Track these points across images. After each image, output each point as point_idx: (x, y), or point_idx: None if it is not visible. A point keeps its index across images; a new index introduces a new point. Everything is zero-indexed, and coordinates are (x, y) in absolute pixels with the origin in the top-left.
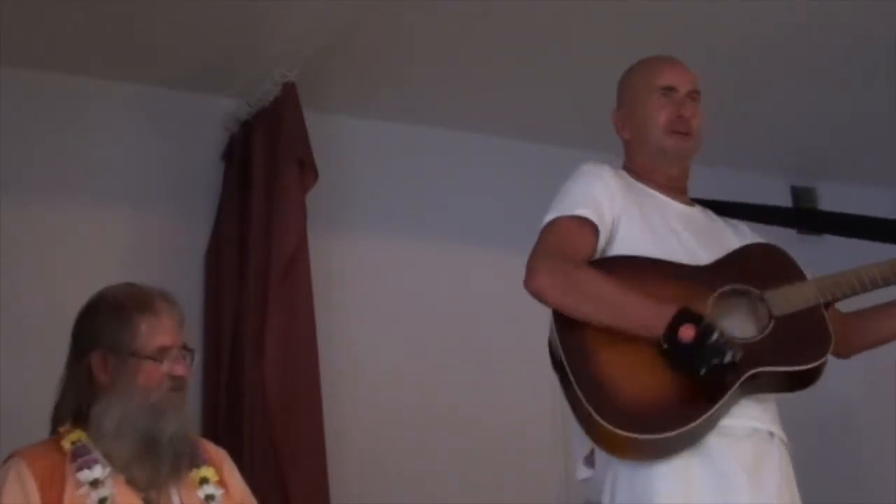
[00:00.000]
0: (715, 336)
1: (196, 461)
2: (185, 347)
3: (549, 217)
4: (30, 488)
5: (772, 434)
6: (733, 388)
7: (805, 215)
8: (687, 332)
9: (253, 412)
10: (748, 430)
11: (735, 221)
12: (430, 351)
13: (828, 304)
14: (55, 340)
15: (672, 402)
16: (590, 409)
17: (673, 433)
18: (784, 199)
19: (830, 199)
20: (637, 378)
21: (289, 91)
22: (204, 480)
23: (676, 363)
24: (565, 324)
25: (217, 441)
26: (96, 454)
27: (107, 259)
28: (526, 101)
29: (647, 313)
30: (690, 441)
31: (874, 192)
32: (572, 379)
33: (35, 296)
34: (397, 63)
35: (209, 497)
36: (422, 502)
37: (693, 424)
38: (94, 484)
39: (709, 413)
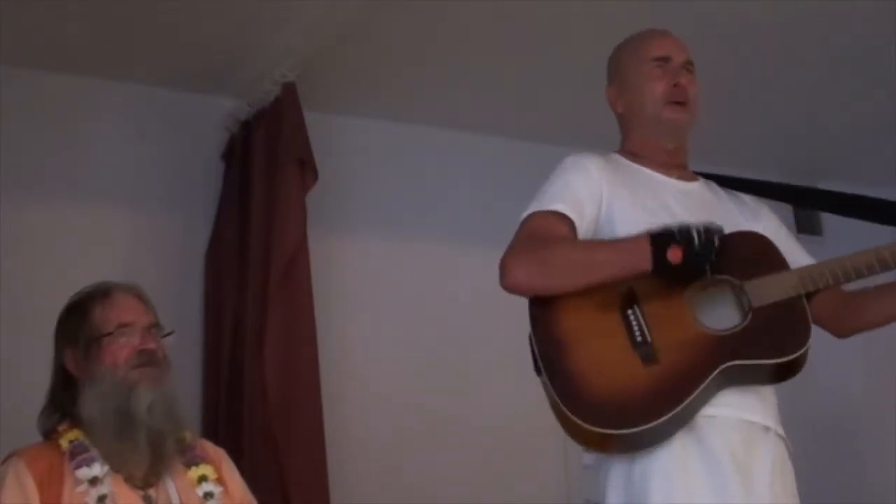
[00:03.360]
0: (696, 240)
1: (194, 459)
2: (154, 325)
3: (525, 213)
4: (29, 488)
5: (767, 428)
6: (705, 383)
7: (804, 193)
8: (675, 255)
9: (253, 412)
10: (737, 422)
11: (738, 194)
12: (430, 350)
13: (810, 295)
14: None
15: (644, 396)
16: (560, 403)
17: (642, 428)
18: None
19: None
20: (609, 373)
21: (289, 91)
22: (203, 478)
23: (680, 278)
24: (538, 320)
25: (217, 441)
26: (94, 452)
27: (106, 259)
28: (526, 101)
29: (628, 256)
30: (662, 436)
31: (874, 192)
32: (545, 374)
33: (35, 295)
34: (397, 63)
35: (208, 495)
36: (422, 501)
37: (664, 419)
38: (93, 482)
39: (680, 407)
